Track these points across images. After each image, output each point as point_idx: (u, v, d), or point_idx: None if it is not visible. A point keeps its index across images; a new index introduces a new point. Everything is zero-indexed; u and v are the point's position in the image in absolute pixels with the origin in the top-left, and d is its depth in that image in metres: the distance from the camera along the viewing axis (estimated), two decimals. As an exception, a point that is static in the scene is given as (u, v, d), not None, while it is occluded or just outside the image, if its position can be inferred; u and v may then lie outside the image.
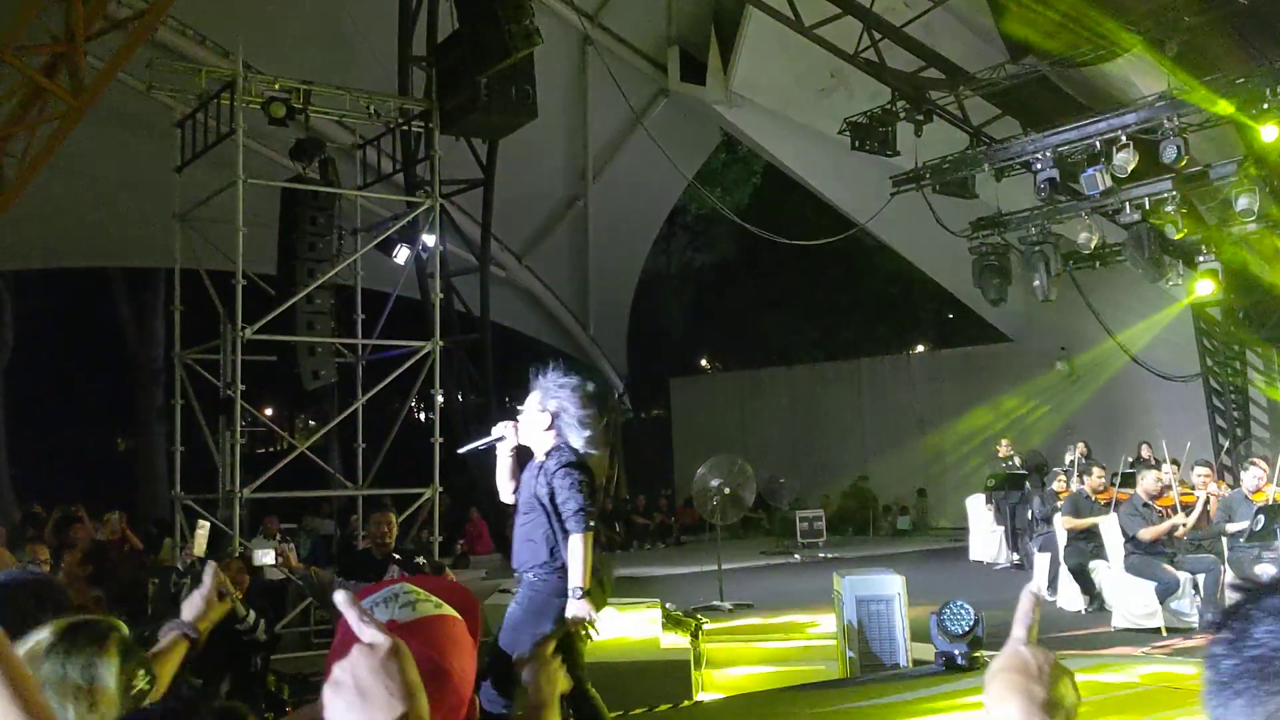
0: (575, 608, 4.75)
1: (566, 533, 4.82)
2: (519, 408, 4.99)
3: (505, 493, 5.10)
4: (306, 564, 12.21)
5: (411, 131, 11.79)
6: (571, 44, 16.46)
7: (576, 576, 4.73)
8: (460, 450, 5.15)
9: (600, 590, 4.95)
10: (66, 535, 9.06)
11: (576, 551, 4.76)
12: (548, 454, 4.88)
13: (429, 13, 13.06)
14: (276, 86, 10.35)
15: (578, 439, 4.88)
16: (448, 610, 1.54)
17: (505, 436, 4.96)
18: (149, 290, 19.78)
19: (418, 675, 1.16)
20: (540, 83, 11.00)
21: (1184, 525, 9.12)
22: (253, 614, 6.57)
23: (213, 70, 10.63)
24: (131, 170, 13.71)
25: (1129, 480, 10.46)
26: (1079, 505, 10.43)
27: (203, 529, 7.44)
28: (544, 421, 4.88)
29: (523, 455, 5.05)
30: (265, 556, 6.86)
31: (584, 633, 4.76)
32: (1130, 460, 12.92)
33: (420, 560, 7.03)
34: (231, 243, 9.71)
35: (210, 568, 2.64)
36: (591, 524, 4.83)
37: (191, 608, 2.60)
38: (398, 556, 6.94)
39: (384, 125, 11.54)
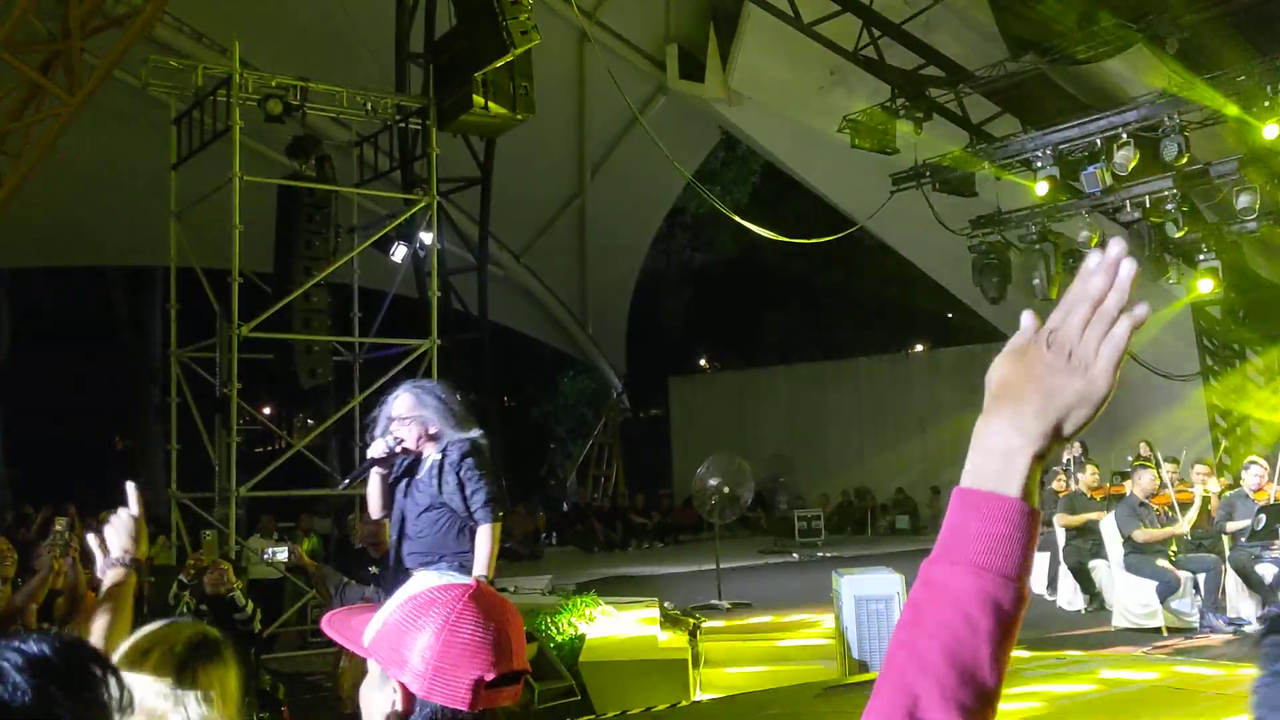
0: None
1: (474, 523, 4.79)
2: (396, 417, 4.82)
3: (377, 509, 5.01)
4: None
5: (409, 129, 11.76)
6: (569, 41, 16.41)
7: (482, 565, 4.69)
8: (347, 481, 5.13)
9: None
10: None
11: (486, 541, 4.73)
12: (442, 451, 4.80)
13: (426, 9, 13.01)
14: (273, 83, 10.31)
15: (457, 428, 4.84)
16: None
17: (391, 451, 4.82)
18: (146, 288, 19.75)
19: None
20: (538, 80, 10.96)
21: (1184, 532, 9.08)
22: (251, 604, 6.55)
23: (209, 67, 10.58)
24: (128, 168, 13.67)
25: (1126, 478, 10.44)
26: (1075, 504, 10.42)
27: (210, 537, 7.42)
28: (428, 422, 4.82)
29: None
30: (279, 554, 6.84)
31: None
32: (1132, 459, 12.89)
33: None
34: (228, 240, 9.67)
35: (131, 487, 2.48)
36: (500, 514, 4.86)
37: (125, 534, 2.39)
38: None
39: (381, 122, 11.51)
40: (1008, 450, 0.99)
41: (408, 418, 4.80)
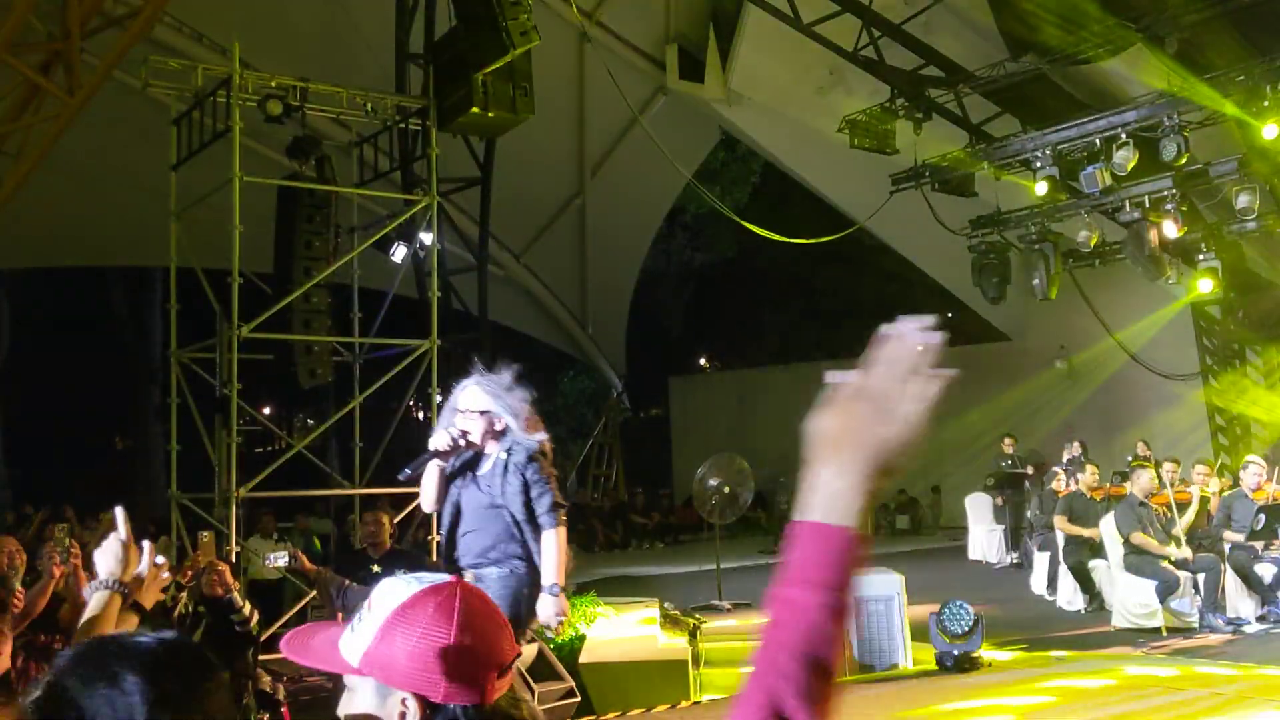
0: (554, 605, 4.62)
1: (536, 528, 4.66)
2: (463, 410, 4.70)
3: (431, 501, 4.89)
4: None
5: (409, 129, 11.75)
6: (569, 41, 16.40)
7: (552, 573, 4.60)
8: (407, 471, 4.85)
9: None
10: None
11: (553, 546, 4.63)
12: (508, 450, 4.69)
13: (426, 10, 13.00)
14: (273, 84, 10.30)
15: (524, 427, 4.74)
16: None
17: (455, 443, 4.67)
18: (145, 289, 19.75)
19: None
20: (538, 80, 10.96)
21: (1186, 556, 9.06)
22: (249, 605, 6.55)
23: (209, 68, 10.58)
24: (127, 168, 13.66)
25: (1127, 477, 10.45)
26: (1074, 505, 10.42)
27: (207, 537, 7.40)
28: (495, 418, 4.72)
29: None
30: (279, 559, 6.82)
31: (552, 631, 4.70)
32: (1130, 459, 12.91)
33: (400, 571, 6.96)
34: (228, 241, 9.66)
35: (119, 512, 2.47)
36: (564, 518, 4.75)
37: (113, 560, 2.34)
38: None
39: (381, 123, 11.50)
40: (836, 492, 1.16)
41: (475, 411, 4.69)
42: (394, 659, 1.44)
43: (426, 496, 4.87)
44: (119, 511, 2.43)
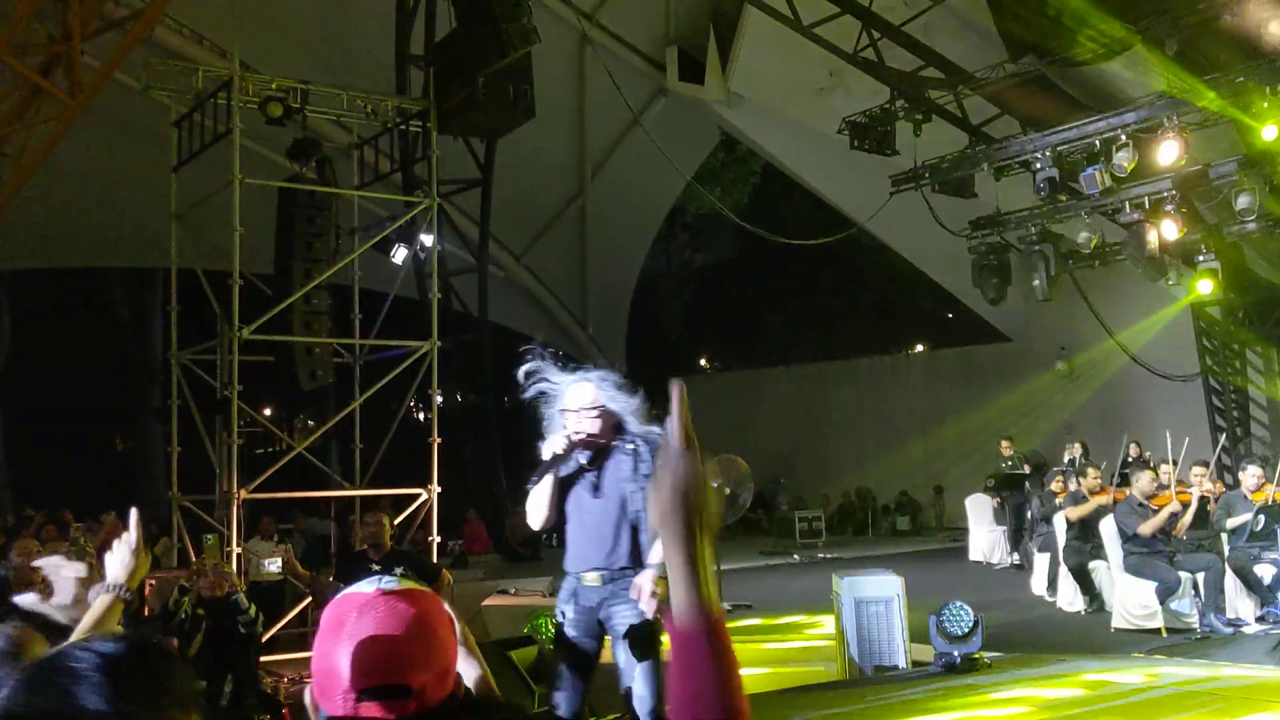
0: (648, 576, 4.34)
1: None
2: (579, 409, 4.36)
3: (545, 511, 4.45)
4: (302, 565, 12.20)
5: (409, 131, 11.77)
6: (570, 43, 16.43)
7: (658, 554, 4.24)
8: (536, 480, 4.42)
9: None
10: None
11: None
12: (633, 448, 4.38)
13: (427, 12, 13.03)
14: (274, 86, 10.32)
15: (642, 421, 4.43)
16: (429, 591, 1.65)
17: (571, 447, 4.34)
18: (146, 290, 19.77)
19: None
20: (538, 82, 10.97)
21: (1181, 521, 9.08)
22: (253, 607, 6.56)
23: (210, 70, 10.59)
24: (128, 170, 13.69)
25: (1127, 480, 10.44)
26: (1079, 500, 10.42)
27: (211, 540, 7.41)
28: (614, 413, 4.40)
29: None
30: (271, 564, 6.83)
31: (647, 607, 4.37)
32: (1122, 460, 12.90)
33: (401, 571, 6.96)
34: (229, 243, 9.68)
35: (133, 515, 2.50)
36: None
37: (120, 566, 2.42)
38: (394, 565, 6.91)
39: (382, 125, 11.52)
40: (675, 569, 1.29)
41: (593, 408, 4.37)
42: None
43: (542, 507, 4.45)
44: (134, 515, 2.44)
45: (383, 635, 1.50)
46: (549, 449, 4.37)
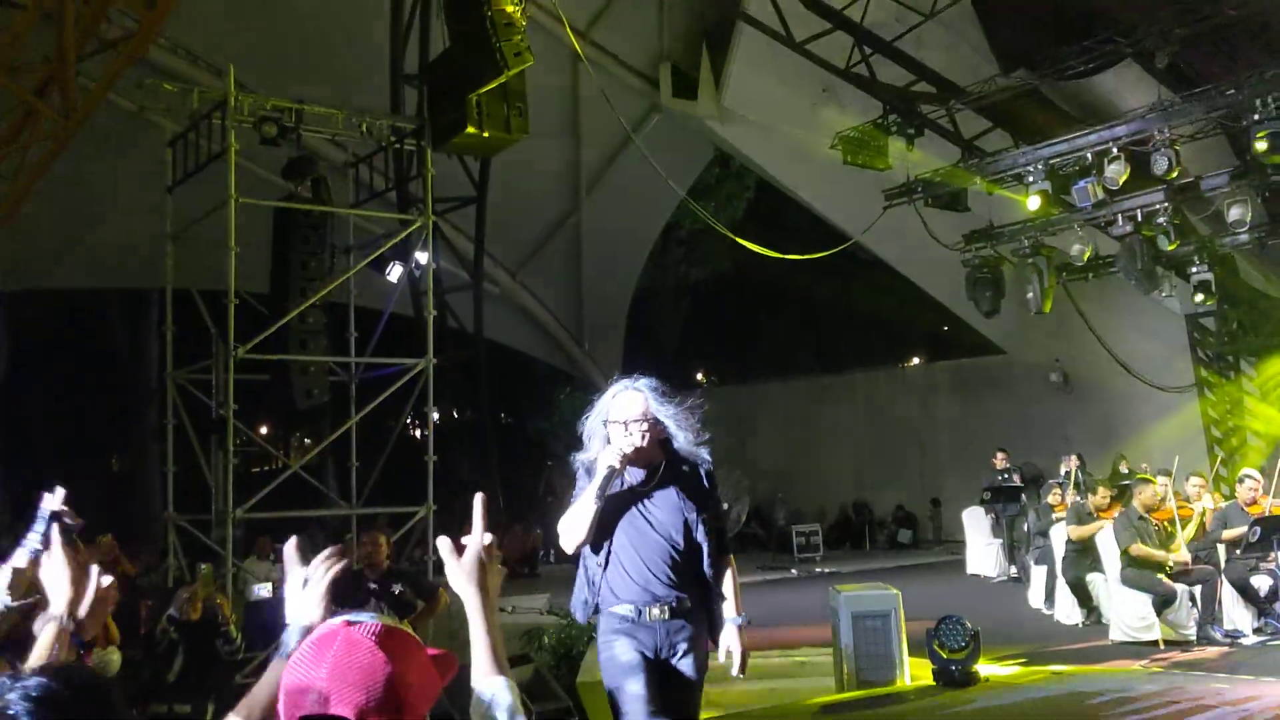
0: (737, 637, 4.02)
1: (717, 553, 4.00)
2: (627, 420, 3.98)
3: (580, 537, 3.97)
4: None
5: (404, 149, 11.80)
6: (564, 60, 16.47)
7: (736, 604, 4.03)
8: (577, 503, 3.98)
9: None
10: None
11: (734, 576, 4.08)
12: (685, 464, 4.04)
13: (421, 31, 13.07)
14: (269, 106, 10.34)
15: (689, 434, 4.09)
16: (406, 627, 1.64)
17: (623, 461, 3.93)
18: (141, 310, 19.74)
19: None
20: (532, 99, 11.00)
21: (1184, 560, 9.06)
22: (240, 636, 6.56)
23: (205, 90, 10.62)
24: (123, 190, 13.70)
25: (1124, 494, 10.45)
26: (1082, 516, 10.40)
27: (206, 570, 7.42)
28: (663, 425, 4.05)
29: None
30: (262, 590, 6.83)
31: (738, 670, 4.03)
32: (1110, 474, 12.91)
33: (398, 589, 6.94)
34: (224, 262, 9.69)
35: (55, 536, 2.29)
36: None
37: (57, 593, 2.16)
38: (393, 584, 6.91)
39: (377, 143, 11.54)
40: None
41: (643, 421, 3.98)
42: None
43: (576, 532, 3.96)
44: (56, 536, 2.27)
45: (325, 669, 1.50)
46: (603, 462, 3.91)
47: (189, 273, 10.63)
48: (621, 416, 4.00)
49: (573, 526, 3.96)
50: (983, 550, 14.70)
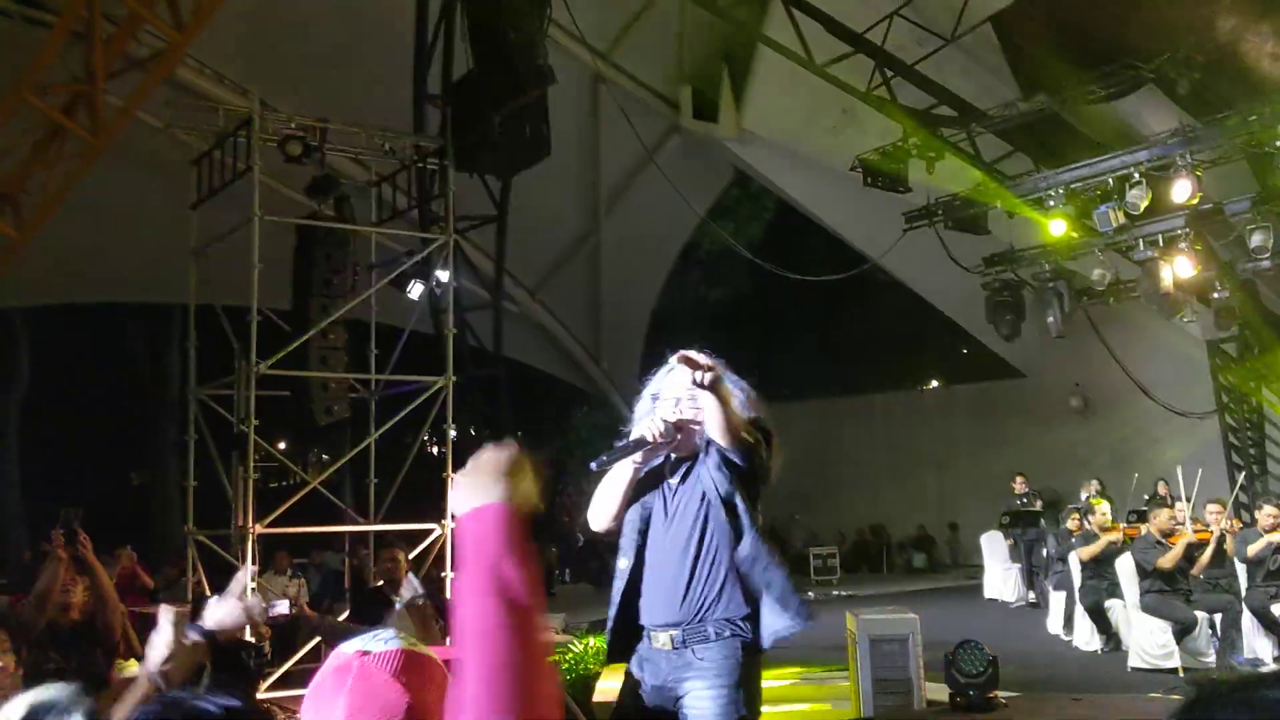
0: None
1: (766, 566, 3.51)
2: (666, 397, 3.54)
3: (612, 512, 3.53)
4: (317, 599, 12.21)
5: (427, 168, 11.88)
6: (584, 80, 16.56)
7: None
8: (604, 459, 3.52)
9: None
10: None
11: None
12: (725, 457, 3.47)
13: (444, 52, 13.18)
14: (293, 124, 10.43)
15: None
16: (424, 649, 1.61)
17: (666, 436, 3.41)
18: (164, 326, 19.89)
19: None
20: (553, 119, 11.07)
21: (1201, 558, 9.02)
22: (267, 645, 6.58)
23: (230, 108, 10.72)
24: (148, 207, 13.82)
25: (1142, 517, 10.39)
26: (1089, 536, 10.36)
27: (241, 574, 7.45)
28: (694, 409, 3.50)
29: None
30: (279, 606, 6.85)
31: None
32: (1147, 497, 12.84)
33: (420, 601, 6.94)
34: (246, 279, 9.76)
35: (165, 614, 2.41)
36: None
37: (154, 653, 2.33)
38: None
39: (399, 162, 11.62)
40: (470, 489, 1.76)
41: (695, 398, 3.46)
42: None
43: (610, 505, 3.53)
44: (165, 614, 2.39)
45: (342, 703, 1.48)
46: (642, 430, 3.44)
47: (212, 289, 10.70)
48: (674, 393, 3.56)
49: (603, 501, 3.56)
50: (1001, 575, 14.62)
